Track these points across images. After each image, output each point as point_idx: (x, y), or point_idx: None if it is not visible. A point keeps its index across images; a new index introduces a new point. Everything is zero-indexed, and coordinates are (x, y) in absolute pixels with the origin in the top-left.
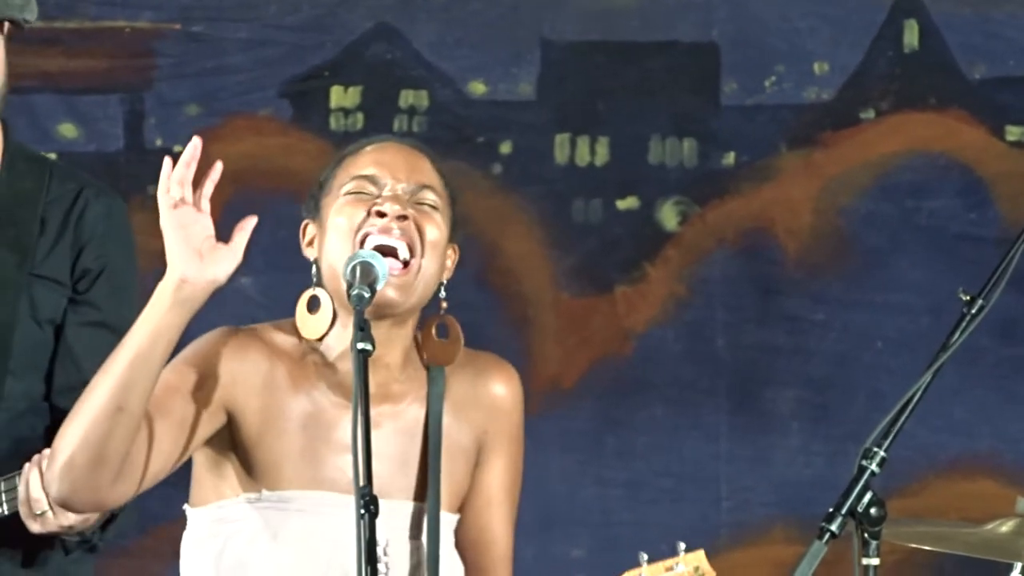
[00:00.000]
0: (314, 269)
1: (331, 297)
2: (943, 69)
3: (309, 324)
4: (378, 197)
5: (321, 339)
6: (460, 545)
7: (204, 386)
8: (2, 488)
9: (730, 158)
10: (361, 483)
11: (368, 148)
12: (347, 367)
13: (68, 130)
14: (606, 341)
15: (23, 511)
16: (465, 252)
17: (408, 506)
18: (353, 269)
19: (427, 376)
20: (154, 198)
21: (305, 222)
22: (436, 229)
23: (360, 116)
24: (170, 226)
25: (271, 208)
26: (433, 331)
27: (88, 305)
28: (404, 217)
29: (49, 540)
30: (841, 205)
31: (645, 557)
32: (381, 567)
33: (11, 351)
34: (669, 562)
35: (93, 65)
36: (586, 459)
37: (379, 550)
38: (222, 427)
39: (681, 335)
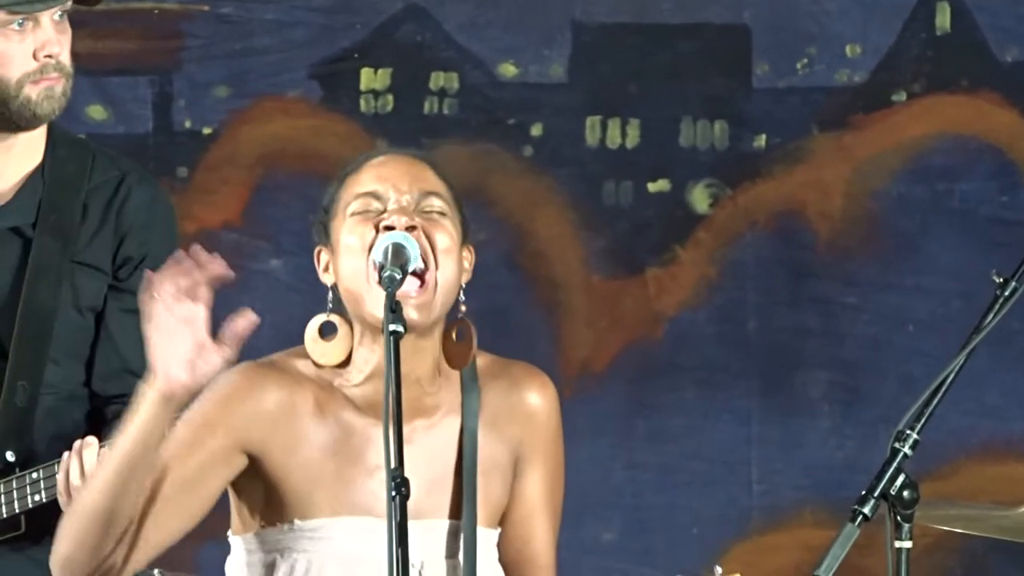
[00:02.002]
0: (330, 296)
1: (352, 320)
2: (975, 51)
3: (319, 350)
4: (384, 212)
5: (344, 364)
6: (503, 559)
7: (218, 436)
8: (41, 475)
9: (761, 140)
10: (392, 465)
11: (367, 164)
12: (375, 388)
13: (97, 112)
14: (637, 324)
15: (62, 500)
16: (495, 234)
17: (444, 524)
18: (385, 250)
19: (460, 388)
20: (183, 180)
21: (318, 249)
22: (447, 236)
23: (390, 98)
24: (161, 330)
25: (300, 190)
26: (453, 335)
27: (129, 293)
28: (413, 227)
29: None
30: (873, 188)
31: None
32: None
33: (52, 338)
34: None
35: (122, 47)
36: (617, 442)
37: (414, 572)
38: (246, 467)
39: (712, 318)
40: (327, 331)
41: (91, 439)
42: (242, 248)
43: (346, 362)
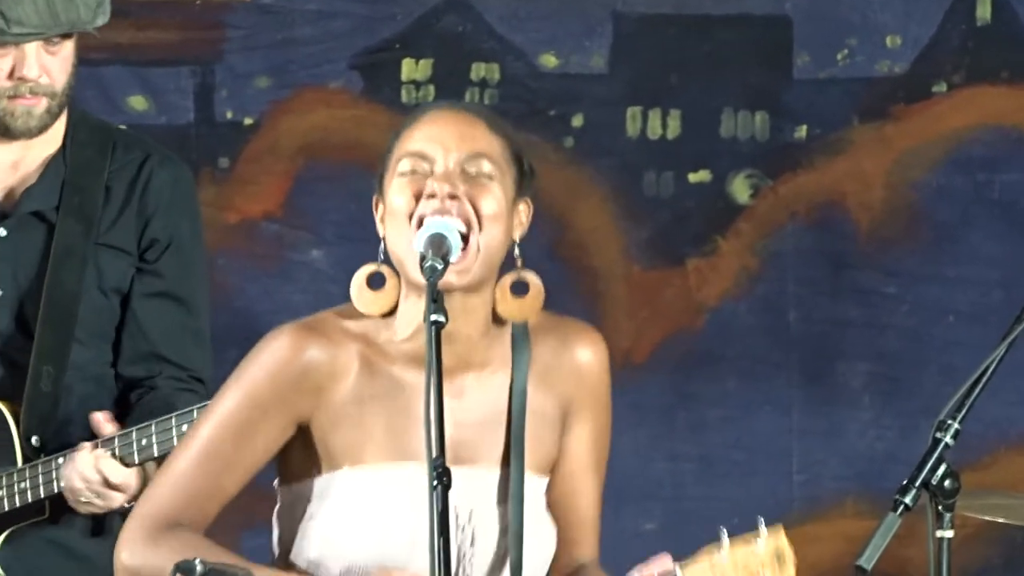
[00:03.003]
0: (382, 247)
1: (397, 275)
2: (1016, 42)
3: (367, 299)
4: (430, 174)
5: (390, 314)
6: (551, 509)
7: (269, 414)
8: (67, 460)
9: (802, 131)
10: (434, 454)
11: (421, 119)
12: (420, 341)
13: (138, 102)
14: (678, 315)
15: (69, 498)
16: (536, 225)
17: (495, 472)
18: (427, 241)
19: (511, 342)
20: (224, 170)
21: (375, 198)
22: (492, 200)
23: (431, 89)
24: None
25: (342, 181)
26: (508, 288)
27: (154, 275)
28: (454, 196)
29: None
30: (913, 179)
31: (726, 532)
32: (465, 534)
33: (78, 320)
34: (749, 537)
35: (163, 37)
36: (658, 433)
37: (464, 516)
38: (296, 429)
39: (753, 309)
40: (375, 283)
41: (83, 445)
42: (283, 238)
43: (391, 313)
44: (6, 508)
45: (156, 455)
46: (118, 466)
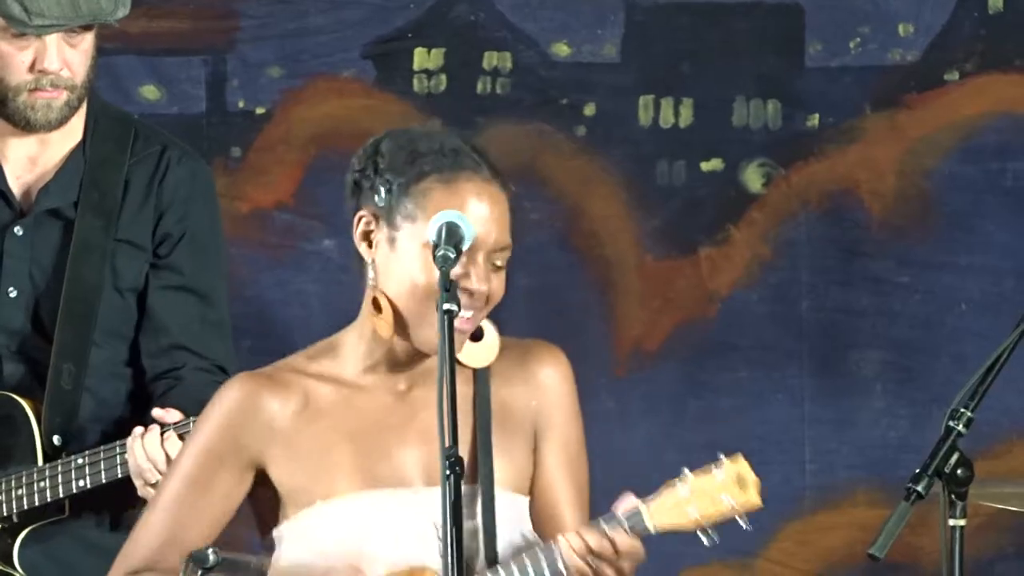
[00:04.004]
0: (371, 272)
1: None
2: None
3: (380, 323)
4: (468, 269)
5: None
6: (536, 528)
7: (227, 464)
8: (87, 461)
9: (814, 120)
10: (447, 443)
11: (461, 186)
12: (380, 368)
13: (150, 92)
14: (690, 303)
15: (137, 483)
16: (548, 214)
17: (471, 488)
18: (439, 229)
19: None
20: (236, 160)
21: (361, 214)
22: (503, 286)
23: (443, 78)
24: None
25: None
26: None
27: (170, 270)
28: (489, 299)
29: (134, 506)
30: (926, 167)
31: (686, 470)
32: (435, 551)
33: (96, 318)
34: (709, 467)
35: (175, 27)
36: (670, 422)
37: (437, 532)
38: (257, 475)
39: (765, 297)
40: (476, 337)
41: (154, 427)
42: (295, 228)
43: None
44: (25, 506)
45: None
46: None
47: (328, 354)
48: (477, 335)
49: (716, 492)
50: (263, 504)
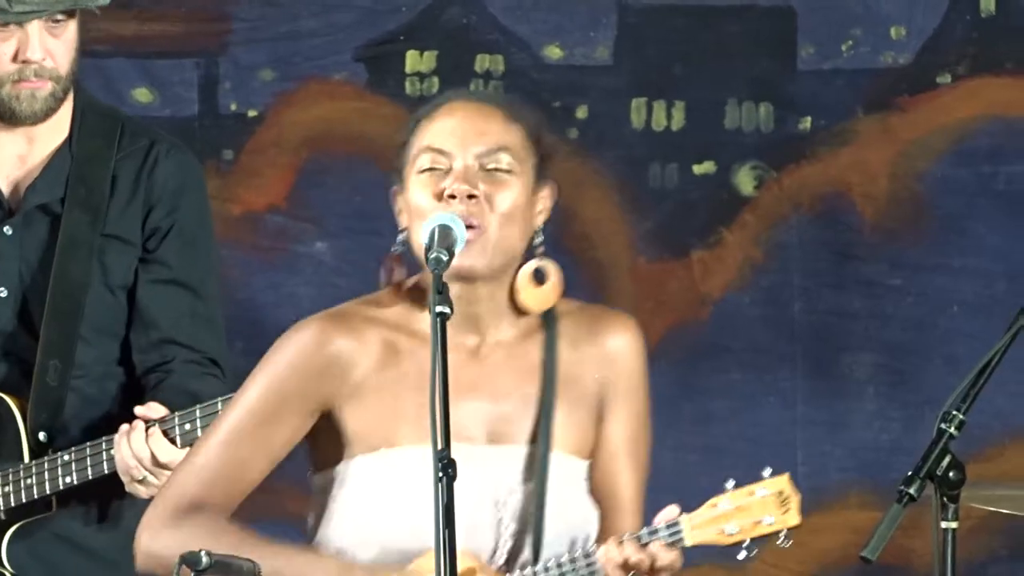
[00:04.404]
0: (403, 236)
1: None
2: (1020, 34)
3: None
4: (449, 170)
5: (417, 299)
6: (593, 493)
7: (293, 405)
8: (73, 458)
9: (807, 123)
10: (439, 446)
11: (438, 112)
12: (455, 324)
13: (142, 94)
14: (683, 306)
15: (124, 479)
16: None
17: (523, 450)
18: (432, 232)
19: (543, 324)
20: (228, 162)
21: (394, 189)
22: (510, 196)
23: (435, 80)
24: None
25: (346, 173)
26: (530, 277)
27: (159, 263)
28: (473, 195)
29: (120, 501)
30: (918, 170)
31: (732, 483)
32: (503, 512)
33: (83, 315)
34: (753, 487)
35: (168, 29)
36: (662, 424)
37: (503, 494)
38: (321, 417)
39: (758, 300)
40: (539, 278)
41: (138, 423)
42: (287, 231)
43: (419, 298)
44: (12, 504)
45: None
46: (168, 445)
47: (405, 301)
48: (541, 278)
49: (758, 510)
50: (320, 441)
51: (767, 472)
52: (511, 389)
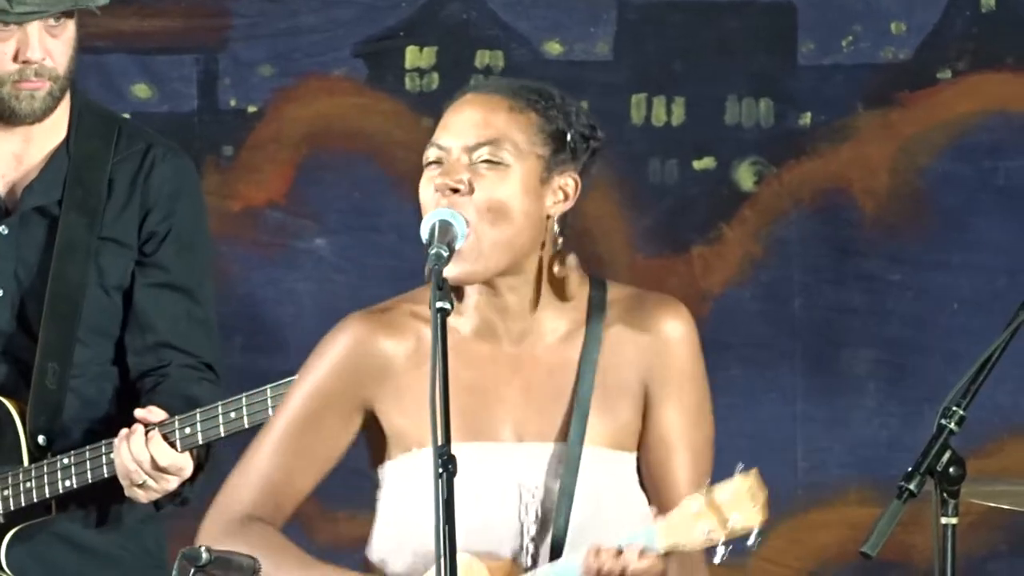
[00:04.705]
0: None
1: None
2: (1021, 29)
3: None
4: (443, 163)
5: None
6: (644, 485)
7: (334, 406)
8: (73, 462)
9: (807, 118)
10: (440, 442)
11: (451, 106)
12: (482, 319)
13: (142, 90)
14: (682, 302)
15: (124, 483)
16: None
17: (560, 446)
18: (432, 228)
19: (588, 314)
20: (228, 158)
21: None
22: (498, 188)
23: (435, 76)
24: None
25: (345, 169)
26: (555, 269)
27: (156, 267)
28: (456, 190)
29: (120, 502)
30: (918, 165)
31: (708, 481)
32: (530, 510)
33: (81, 317)
34: (719, 485)
35: (167, 25)
36: None
37: (528, 493)
38: (366, 416)
39: (758, 296)
40: None
41: (138, 427)
42: (287, 227)
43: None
44: (12, 507)
45: (200, 442)
46: (167, 449)
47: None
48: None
49: (727, 508)
50: (373, 440)
51: (740, 466)
52: (544, 385)
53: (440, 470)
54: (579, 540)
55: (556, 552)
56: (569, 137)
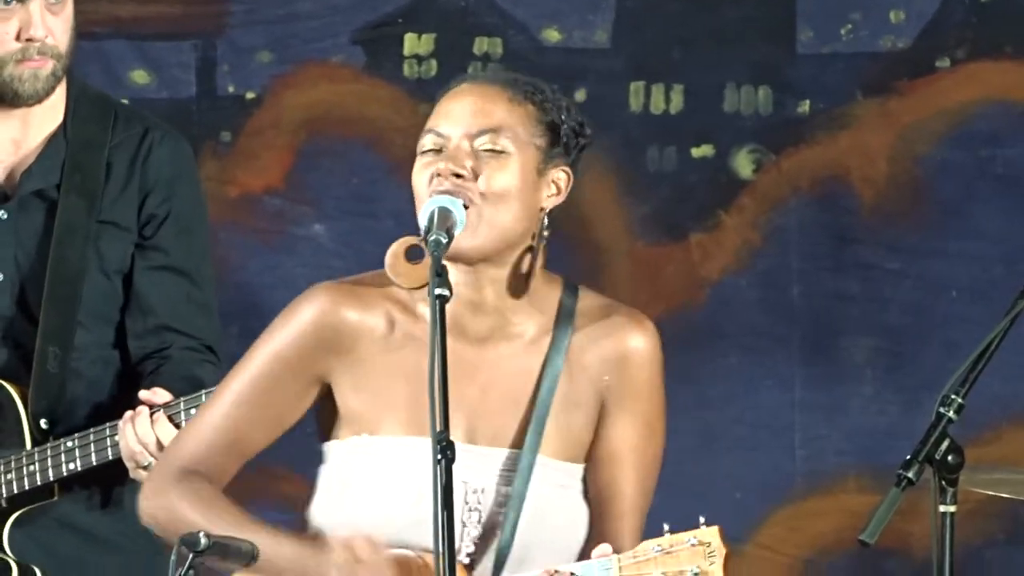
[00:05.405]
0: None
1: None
2: (1019, 17)
3: (401, 270)
4: (442, 151)
5: (423, 287)
6: (588, 497)
7: (294, 371)
8: (76, 444)
9: (805, 106)
10: (438, 428)
11: (446, 95)
12: (455, 310)
13: (140, 76)
14: (680, 290)
15: (129, 466)
16: None
17: (511, 453)
18: (431, 214)
19: (555, 321)
20: (226, 144)
21: None
22: (500, 176)
23: (434, 63)
24: None
25: (343, 155)
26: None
27: (155, 250)
28: (459, 175)
29: (122, 485)
30: (917, 154)
31: (667, 528)
32: (472, 513)
33: (81, 301)
34: (683, 534)
35: (166, 11)
36: None
37: (474, 496)
38: (322, 388)
39: (755, 283)
40: (413, 256)
41: (143, 409)
42: (285, 213)
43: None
44: (15, 491)
45: None
46: (173, 430)
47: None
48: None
49: (685, 559)
50: (322, 412)
51: (702, 520)
52: (503, 390)
53: (439, 456)
54: (523, 550)
55: (500, 560)
56: (563, 130)
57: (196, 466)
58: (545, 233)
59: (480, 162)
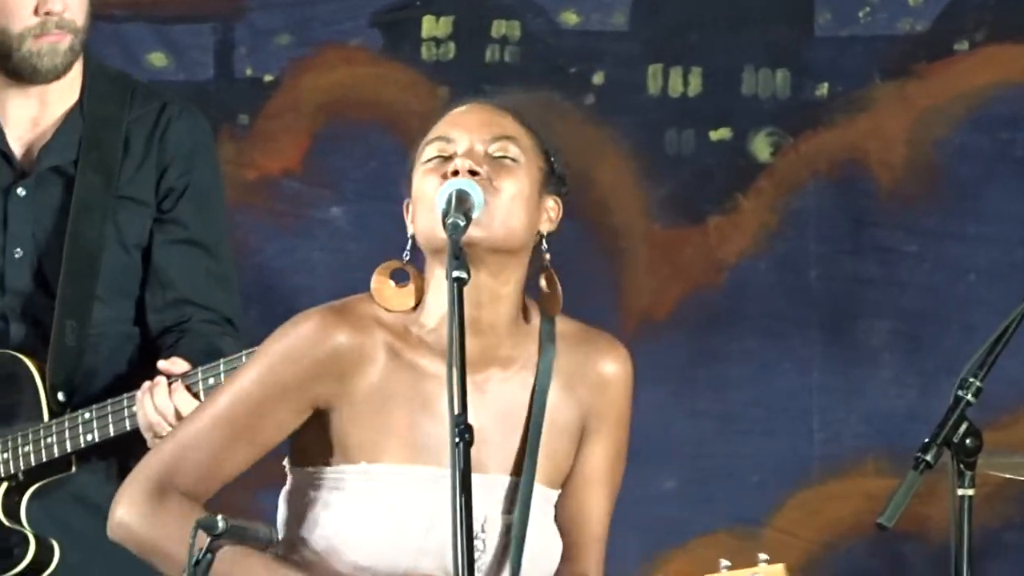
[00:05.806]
0: (409, 245)
1: (427, 265)
2: None
3: (387, 293)
4: (454, 156)
5: (415, 309)
6: (557, 521)
7: (288, 396)
8: (94, 415)
9: (823, 89)
10: (456, 411)
11: (448, 113)
12: (445, 333)
13: (158, 59)
14: (698, 272)
15: (147, 436)
16: None
17: (505, 480)
18: (449, 197)
19: (538, 347)
20: (244, 127)
21: (406, 202)
22: (514, 180)
23: (452, 46)
24: None
25: (362, 138)
26: (543, 284)
27: (174, 223)
28: (475, 172)
29: (137, 457)
30: (935, 137)
31: (724, 562)
32: (478, 543)
33: (99, 275)
34: (747, 571)
35: None
36: (678, 391)
37: (477, 526)
38: (314, 412)
39: (773, 267)
40: (399, 278)
41: (161, 379)
42: (302, 196)
43: (416, 307)
44: (32, 463)
45: None
46: (191, 400)
47: (415, 309)
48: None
49: None
50: (306, 436)
51: (763, 557)
52: (496, 418)
53: (456, 439)
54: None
55: None
56: (556, 165)
57: (177, 482)
58: (547, 256)
59: (492, 168)
